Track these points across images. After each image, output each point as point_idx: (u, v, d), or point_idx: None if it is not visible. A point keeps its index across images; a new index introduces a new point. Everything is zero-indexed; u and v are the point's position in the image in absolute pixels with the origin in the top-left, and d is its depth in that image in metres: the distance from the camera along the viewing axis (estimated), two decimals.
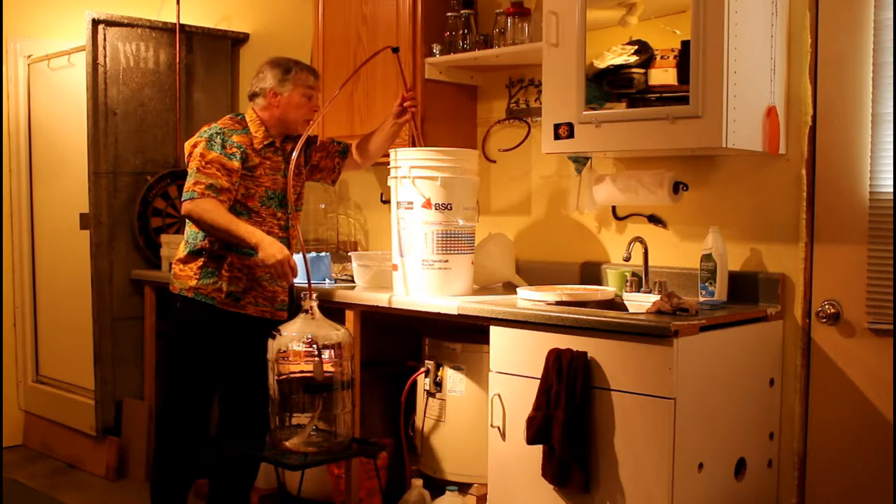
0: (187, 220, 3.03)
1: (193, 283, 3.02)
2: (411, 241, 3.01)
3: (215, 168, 2.93)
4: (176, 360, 3.17)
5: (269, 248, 2.86)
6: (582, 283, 3.19)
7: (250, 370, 3.07)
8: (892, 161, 2.53)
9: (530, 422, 2.52)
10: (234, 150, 2.97)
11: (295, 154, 2.99)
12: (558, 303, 2.74)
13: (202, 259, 3.02)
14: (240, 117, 3.10)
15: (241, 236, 2.88)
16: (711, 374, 2.49)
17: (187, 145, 3.05)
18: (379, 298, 3.09)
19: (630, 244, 2.89)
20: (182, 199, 2.95)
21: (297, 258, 3.03)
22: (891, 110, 2.53)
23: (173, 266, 3.11)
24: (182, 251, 3.08)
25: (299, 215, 3.24)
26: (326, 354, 2.90)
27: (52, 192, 4.65)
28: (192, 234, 3.05)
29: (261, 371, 3.01)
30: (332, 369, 2.91)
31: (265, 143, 3.05)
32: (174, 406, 3.17)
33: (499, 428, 2.70)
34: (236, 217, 2.94)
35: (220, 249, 3.01)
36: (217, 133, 2.99)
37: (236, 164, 2.95)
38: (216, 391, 3.16)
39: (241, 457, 3.14)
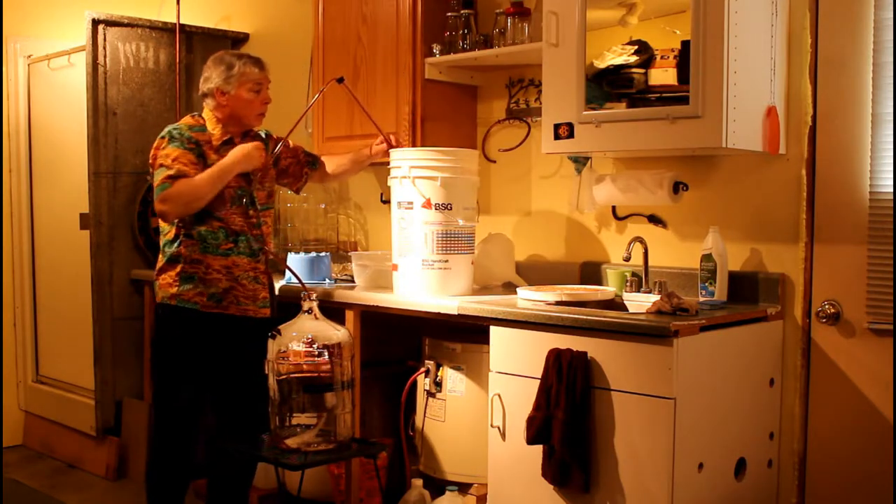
0: (161, 227, 3.06)
1: (174, 290, 3.02)
2: (411, 241, 3.01)
3: (182, 163, 2.93)
4: (164, 370, 3.15)
5: (236, 156, 2.96)
6: (582, 283, 3.19)
7: (240, 369, 3.07)
8: (892, 161, 2.53)
9: (530, 422, 2.52)
10: (192, 145, 2.98)
11: (280, 146, 3.03)
12: (558, 303, 2.74)
13: (180, 265, 3.02)
14: (199, 115, 3.11)
15: (223, 172, 2.94)
16: (711, 374, 2.49)
17: (153, 149, 3.05)
18: (379, 298, 3.09)
19: (630, 244, 2.89)
20: (154, 198, 2.94)
21: (294, 257, 3.02)
22: (891, 110, 2.53)
23: (155, 278, 3.11)
24: (160, 261, 3.09)
25: (271, 213, 3.23)
26: (326, 354, 2.90)
27: (52, 192, 4.65)
28: (167, 242, 3.06)
29: (250, 369, 3.02)
30: (332, 369, 2.92)
31: (223, 140, 3.05)
32: (165, 412, 3.14)
33: (499, 428, 2.70)
34: (201, 220, 2.98)
35: (197, 253, 3.01)
36: (175, 129, 3.02)
37: (194, 157, 2.97)
38: (207, 393, 3.14)
39: (238, 456, 3.14)
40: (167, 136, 3.01)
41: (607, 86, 2.76)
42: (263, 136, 3.23)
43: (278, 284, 3.45)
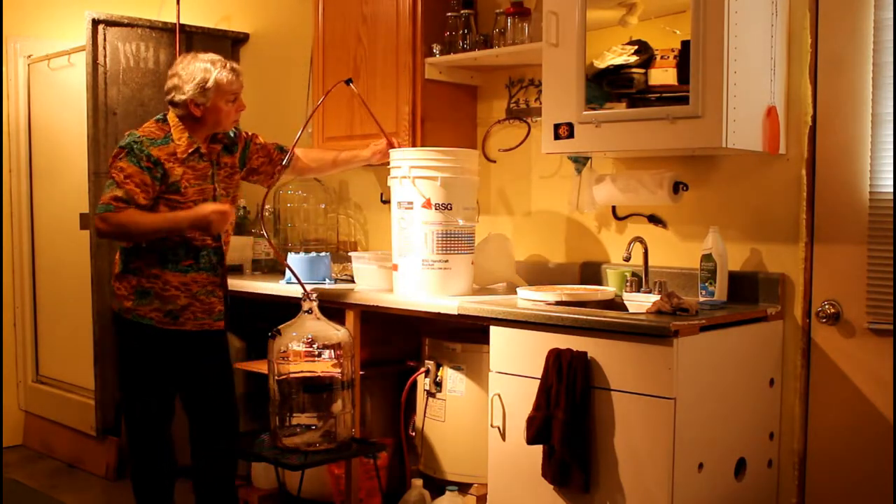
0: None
1: (129, 304, 2.93)
2: (411, 241, 3.01)
3: (134, 184, 2.83)
4: (125, 380, 3.10)
5: (200, 216, 2.84)
6: (582, 283, 3.19)
7: (199, 382, 3.05)
8: (892, 161, 2.53)
9: (530, 422, 2.52)
10: (150, 164, 2.86)
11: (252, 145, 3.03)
12: (558, 303, 2.74)
13: (136, 278, 2.93)
14: (163, 121, 2.98)
15: (172, 227, 2.85)
16: (711, 374, 2.49)
17: (111, 157, 2.95)
18: (379, 298, 3.09)
19: (630, 244, 2.89)
20: (97, 212, 2.85)
21: (294, 257, 2.99)
22: (891, 110, 2.53)
23: (112, 282, 3.03)
24: (117, 265, 3.00)
25: (233, 218, 3.11)
26: (326, 354, 2.91)
27: (52, 192, 4.65)
28: (123, 249, 2.97)
29: (209, 381, 3.03)
30: (331, 369, 2.92)
31: (189, 150, 2.94)
32: (132, 419, 3.11)
33: (499, 428, 2.70)
34: (156, 240, 2.89)
35: (156, 268, 2.92)
36: (136, 142, 2.88)
37: (149, 178, 2.85)
38: (171, 399, 3.10)
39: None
40: (126, 148, 2.87)
41: (607, 86, 2.76)
42: (232, 134, 3.13)
43: (279, 283, 3.46)
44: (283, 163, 3.23)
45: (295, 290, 3.31)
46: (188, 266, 2.96)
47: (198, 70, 2.91)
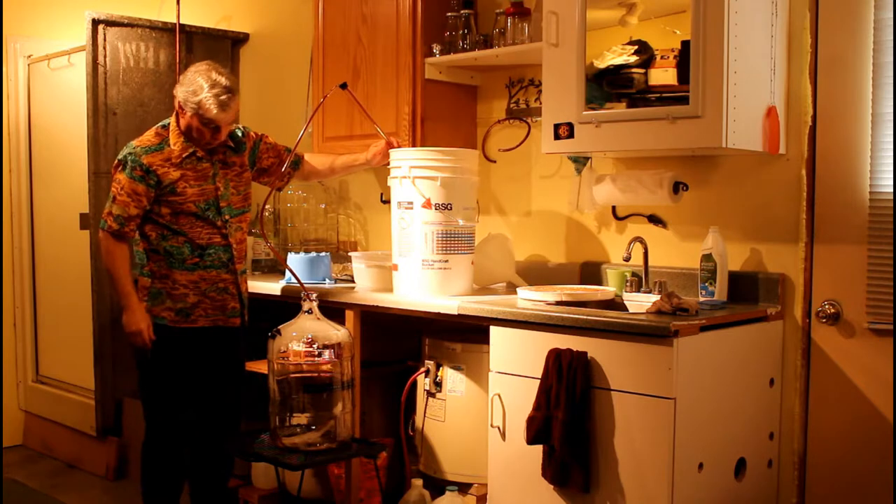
0: (134, 237, 3.05)
1: (144, 305, 3.02)
2: (411, 241, 3.01)
3: (126, 194, 2.96)
4: (144, 380, 3.14)
5: (132, 316, 2.96)
6: (582, 283, 3.19)
7: (212, 379, 3.09)
8: (892, 161, 2.53)
9: (530, 422, 2.52)
10: (141, 173, 2.95)
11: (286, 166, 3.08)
12: (558, 303, 2.74)
13: (149, 280, 3.03)
14: (164, 127, 3.05)
15: (119, 293, 3.01)
16: (711, 374, 2.49)
17: (112, 167, 3.08)
18: (379, 298, 3.09)
19: (630, 244, 2.89)
20: (99, 225, 3.04)
21: (294, 257, 2.99)
22: (891, 110, 2.53)
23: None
24: (135, 275, 3.09)
25: (246, 216, 3.18)
26: (326, 354, 2.91)
27: (52, 192, 4.65)
28: (137, 253, 3.06)
29: (222, 378, 3.06)
30: (332, 369, 2.92)
31: (184, 155, 3.00)
32: (151, 419, 3.14)
33: (499, 428, 2.70)
34: (165, 237, 3.00)
35: (164, 269, 3.02)
36: (130, 154, 2.99)
37: (141, 187, 2.95)
38: (188, 399, 3.12)
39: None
40: (122, 161, 3.00)
41: (607, 86, 2.76)
42: (240, 134, 3.17)
43: (278, 284, 3.45)
44: (286, 166, 3.27)
45: (295, 290, 3.31)
46: (194, 264, 3.03)
47: (196, 82, 2.94)
